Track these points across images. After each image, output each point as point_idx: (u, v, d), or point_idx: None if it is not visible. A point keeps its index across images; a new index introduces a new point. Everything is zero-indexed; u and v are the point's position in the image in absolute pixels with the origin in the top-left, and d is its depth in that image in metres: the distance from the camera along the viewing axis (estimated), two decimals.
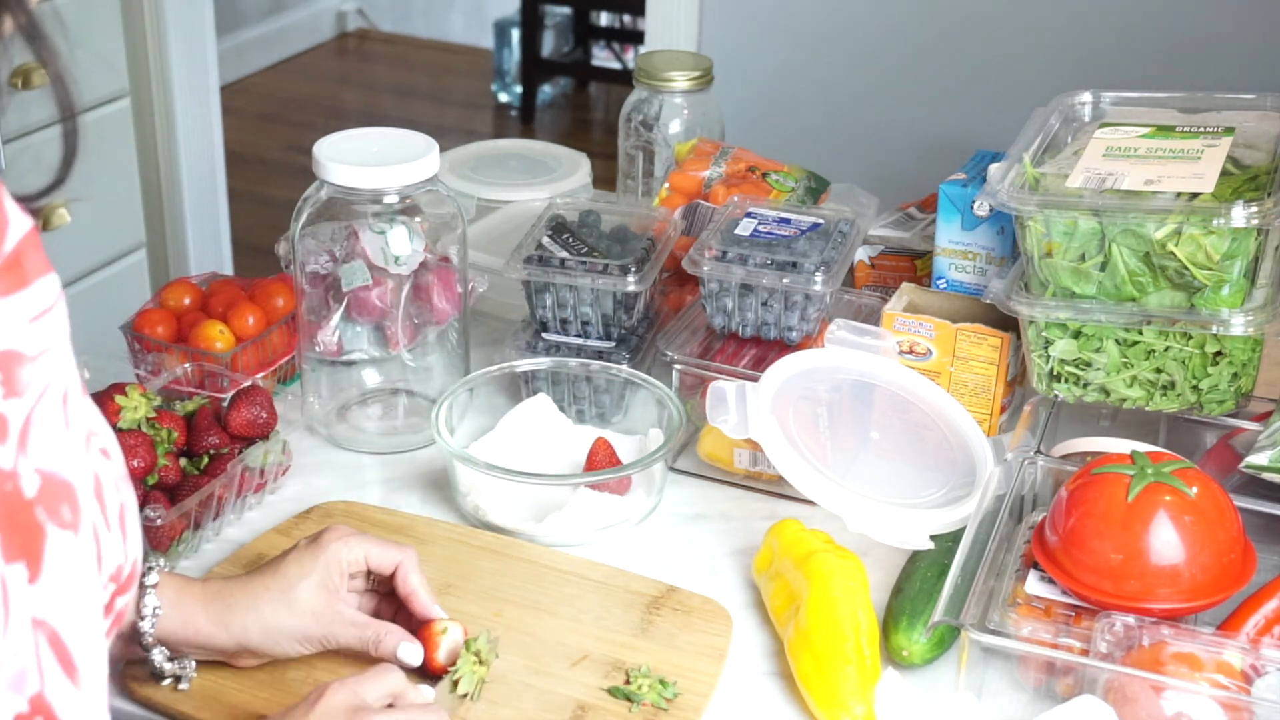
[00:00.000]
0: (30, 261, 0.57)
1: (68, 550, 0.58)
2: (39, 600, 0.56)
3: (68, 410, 0.58)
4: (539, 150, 1.92)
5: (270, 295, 1.52)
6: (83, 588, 0.59)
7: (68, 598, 0.58)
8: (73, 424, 0.59)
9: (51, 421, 0.57)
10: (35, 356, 0.56)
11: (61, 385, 0.58)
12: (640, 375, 1.40)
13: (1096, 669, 1.00)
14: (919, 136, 2.64)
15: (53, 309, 0.58)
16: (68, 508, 0.58)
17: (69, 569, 0.58)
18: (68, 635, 0.57)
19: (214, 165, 3.24)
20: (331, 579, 1.05)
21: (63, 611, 0.57)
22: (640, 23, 4.57)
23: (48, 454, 0.57)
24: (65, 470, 0.58)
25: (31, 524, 0.56)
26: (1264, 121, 1.34)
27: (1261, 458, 1.17)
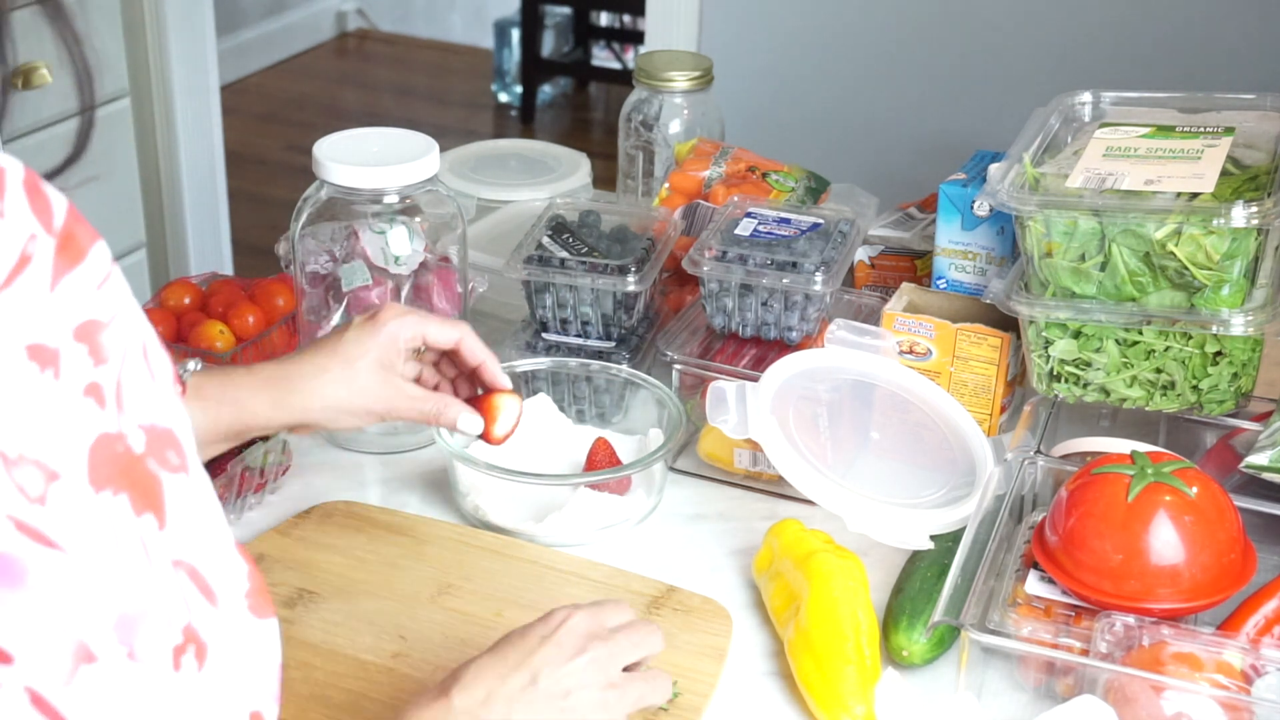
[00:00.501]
0: (81, 233, 0.59)
1: (183, 491, 0.61)
2: (172, 543, 0.59)
3: (150, 363, 0.61)
4: (539, 150, 1.92)
5: (270, 295, 1.52)
6: (205, 520, 0.62)
7: (195, 534, 0.61)
8: (157, 374, 0.61)
9: (139, 377, 0.60)
10: (110, 322, 0.58)
11: (139, 341, 0.60)
12: (640, 375, 1.40)
13: (1096, 669, 1.00)
14: (919, 136, 2.64)
15: (112, 273, 0.60)
16: (174, 452, 0.61)
17: (189, 508, 0.61)
18: (203, 566, 0.61)
19: (214, 165, 3.24)
20: (389, 355, 1.10)
21: (194, 547, 0.61)
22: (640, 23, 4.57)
23: (144, 408, 0.59)
24: (163, 419, 0.60)
25: (148, 477, 0.59)
26: (1264, 121, 1.34)
27: (1261, 458, 1.17)
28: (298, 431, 1.13)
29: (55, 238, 0.57)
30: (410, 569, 1.21)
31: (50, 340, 0.56)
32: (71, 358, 0.56)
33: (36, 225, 0.56)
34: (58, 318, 0.56)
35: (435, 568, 1.21)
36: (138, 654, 0.57)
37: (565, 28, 5.07)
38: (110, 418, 0.58)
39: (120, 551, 0.57)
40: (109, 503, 0.57)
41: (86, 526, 0.56)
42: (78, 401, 0.56)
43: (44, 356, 0.55)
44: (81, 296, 0.57)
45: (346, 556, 1.23)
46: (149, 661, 0.58)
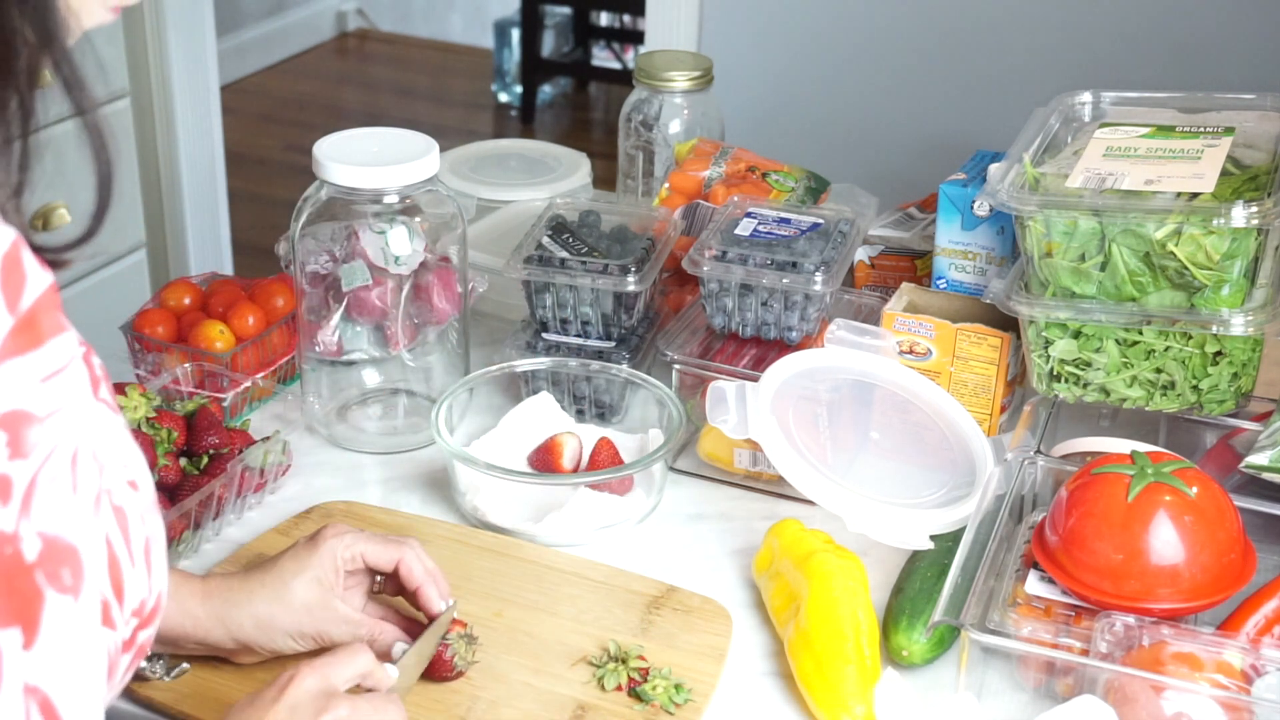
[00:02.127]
0: (46, 320, 0.56)
1: (66, 615, 0.57)
2: (33, 667, 0.55)
3: (76, 472, 0.57)
4: (539, 150, 1.92)
5: (270, 295, 1.52)
6: (80, 653, 0.58)
7: (63, 663, 0.57)
8: (81, 486, 0.58)
9: (58, 483, 0.56)
10: (45, 417, 0.56)
11: (71, 446, 0.57)
12: (640, 375, 1.40)
13: (1096, 669, 1.00)
14: (919, 136, 2.64)
15: (66, 368, 0.57)
16: (69, 572, 0.57)
17: (66, 634, 0.57)
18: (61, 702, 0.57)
19: (214, 165, 3.24)
20: (326, 575, 1.05)
21: (57, 678, 0.57)
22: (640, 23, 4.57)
23: (52, 517, 0.56)
24: (70, 533, 0.57)
25: (30, 588, 0.55)
26: (1264, 121, 1.34)
27: (1261, 458, 1.17)
28: (236, 657, 1.06)
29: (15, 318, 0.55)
30: None
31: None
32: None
33: None
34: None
35: None
36: None
37: (565, 28, 5.07)
38: (9, 516, 0.54)
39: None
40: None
41: None
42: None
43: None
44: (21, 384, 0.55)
45: None
46: None
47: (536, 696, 1.07)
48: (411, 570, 1.07)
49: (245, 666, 1.08)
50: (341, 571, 1.06)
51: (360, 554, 1.06)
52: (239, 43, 4.99)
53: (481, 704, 1.06)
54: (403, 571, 1.07)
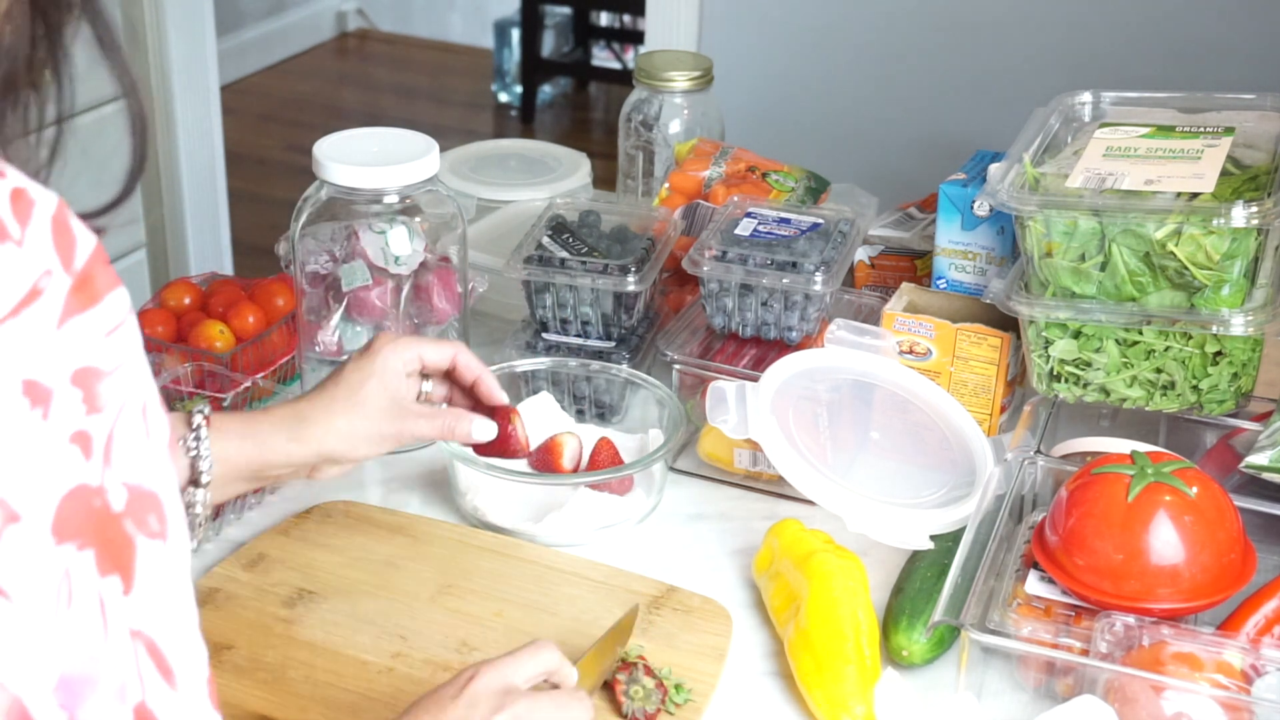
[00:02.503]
0: (101, 277, 0.57)
1: (158, 559, 0.58)
2: (135, 611, 0.57)
3: (148, 421, 0.59)
4: (539, 150, 1.92)
5: (270, 295, 1.52)
6: (176, 593, 0.59)
7: (162, 606, 0.58)
8: (153, 434, 0.59)
9: (133, 434, 0.58)
10: (112, 371, 0.57)
11: (140, 398, 0.58)
12: (640, 375, 1.40)
13: (1096, 669, 1.00)
14: (919, 136, 2.64)
15: (125, 323, 0.58)
16: (155, 517, 0.58)
17: (161, 577, 0.58)
18: (164, 642, 0.58)
19: (214, 165, 3.24)
20: (392, 381, 1.12)
21: (158, 620, 0.58)
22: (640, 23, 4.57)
23: (132, 466, 0.57)
24: (150, 480, 0.58)
25: (121, 537, 0.56)
26: (1264, 121, 1.34)
27: (1261, 458, 1.17)
28: (318, 472, 1.13)
29: (72, 277, 0.56)
30: (410, 569, 1.21)
31: (46, 379, 0.54)
32: (64, 401, 0.55)
33: (55, 261, 0.55)
34: (58, 358, 0.55)
35: (435, 568, 1.21)
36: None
37: (565, 28, 5.07)
38: (94, 470, 0.55)
39: (74, 610, 0.54)
40: (70, 556, 0.54)
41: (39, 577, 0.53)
42: (61, 447, 0.54)
43: (37, 394, 0.54)
44: (87, 341, 0.56)
45: (346, 556, 1.23)
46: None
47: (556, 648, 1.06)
48: (469, 362, 1.15)
49: (244, 668, 1.08)
50: (403, 374, 1.13)
51: (418, 355, 1.14)
52: (239, 43, 4.99)
53: None
54: (461, 364, 1.16)
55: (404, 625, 1.15)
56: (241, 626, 1.14)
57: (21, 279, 0.54)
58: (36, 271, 0.55)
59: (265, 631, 1.13)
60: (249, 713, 1.05)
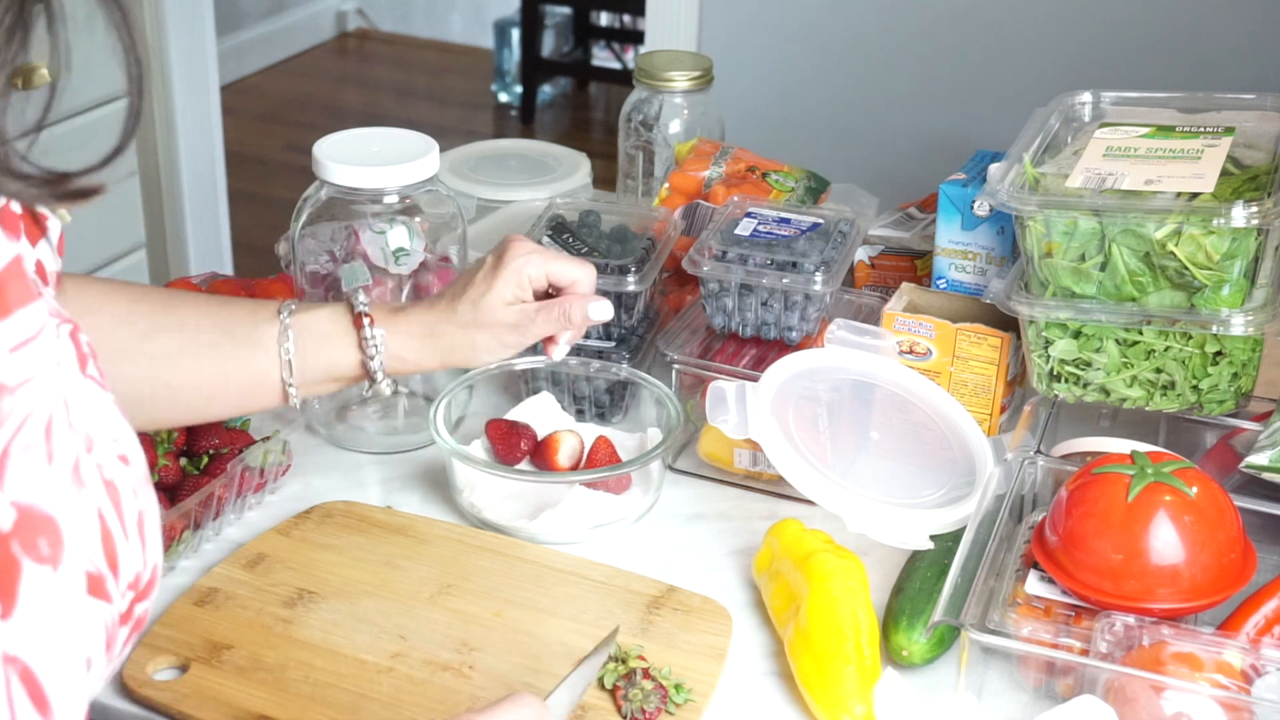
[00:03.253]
0: (13, 290, 0.56)
1: (45, 585, 0.56)
2: (11, 636, 0.55)
3: (52, 442, 0.57)
4: (539, 150, 1.92)
5: (270, 295, 1.52)
6: (62, 623, 0.57)
7: (43, 633, 0.56)
8: (58, 455, 0.57)
9: (32, 453, 0.56)
10: (15, 387, 0.55)
11: (45, 415, 0.57)
12: (640, 375, 1.40)
13: (1096, 669, 1.00)
14: (919, 136, 2.64)
15: (37, 337, 0.57)
16: (46, 541, 0.56)
17: (45, 604, 0.56)
18: (41, 671, 0.56)
19: (214, 165, 3.24)
20: (519, 294, 1.18)
21: (36, 648, 0.56)
22: (640, 23, 4.57)
23: (26, 486, 0.56)
24: (46, 503, 0.56)
25: (5, 558, 0.55)
26: (1264, 121, 1.34)
27: (1261, 458, 1.17)
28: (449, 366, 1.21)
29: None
30: (410, 569, 1.21)
31: None
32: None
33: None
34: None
35: (435, 567, 1.21)
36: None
37: (565, 28, 5.07)
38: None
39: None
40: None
41: None
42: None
43: None
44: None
45: (346, 556, 1.23)
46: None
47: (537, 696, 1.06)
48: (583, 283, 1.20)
49: (244, 668, 1.08)
50: (529, 289, 1.18)
51: (546, 274, 1.19)
52: (239, 43, 4.99)
53: (481, 704, 1.06)
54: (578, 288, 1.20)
55: (404, 625, 1.15)
56: (241, 626, 1.14)
57: None
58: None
59: (265, 631, 1.13)
60: (249, 713, 1.05)
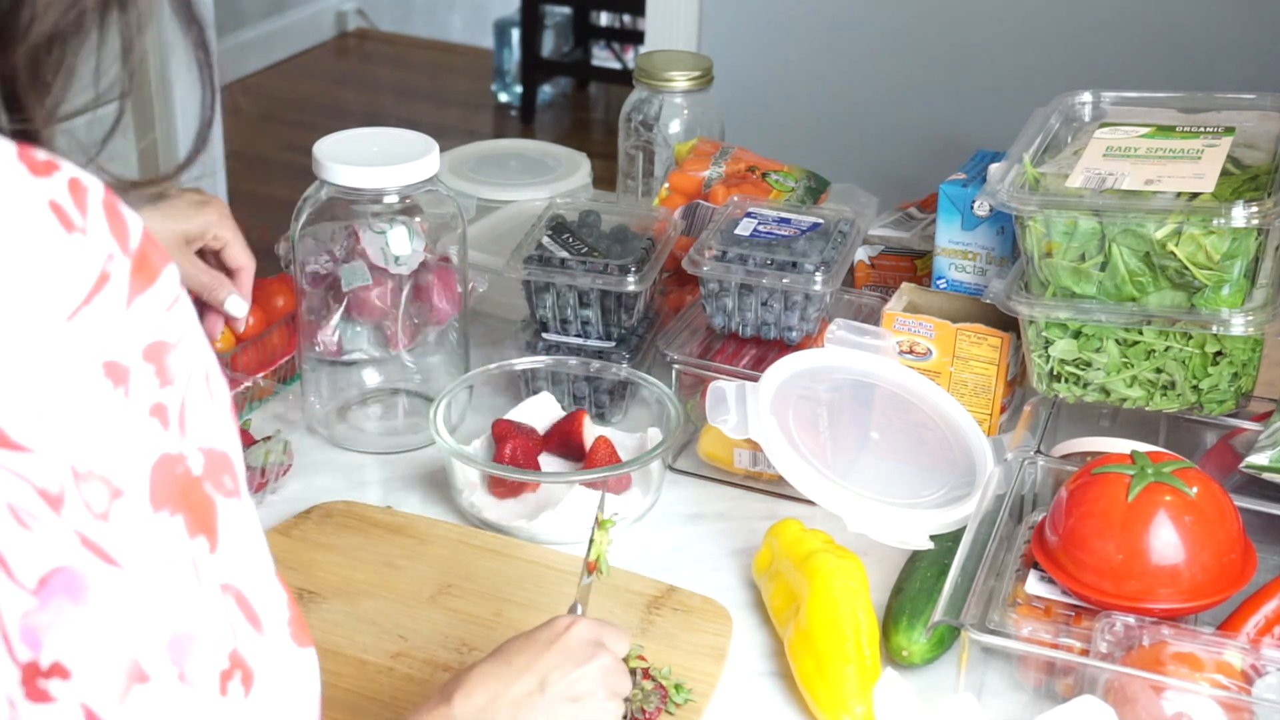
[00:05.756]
0: (154, 255, 0.60)
1: (235, 516, 0.62)
2: (222, 567, 0.60)
3: (210, 386, 0.62)
4: (539, 150, 1.92)
5: (270, 295, 1.52)
6: (252, 545, 0.63)
7: (243, 559, 0.62)
8: (216, 397, 0.62)
9: (200, 400, 0.61)
10: (177, 343, 0.60)
11: (202, 365, 0.61)
12: (640, 375, 1.40)
13: (1096, 669, 1.00)
14: (919, 136, 2.64)
15: (180, 297, 0.61)
16: (228, 476, 0.62)
17: (239, 532, 0.62)
18: (249, 592, 0.62)
19: (214, 165, 3.24)
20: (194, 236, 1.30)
21: (242, 572, 0.62)
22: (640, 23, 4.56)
23: (204, 431, 0.60)
24: (220, 442, 0.61)
25: (204, 499, 0.60)
26: (1264, 121, 1.34)
27: (1261, 458, 1.17)
28: None
29: (131, 258, 0.58)
30: (410, 569, 1.21)
31: (123, 358, 0.57)
32: (140, 377, 0.58)
33: (114, 245, 0.58)
34: (131, 336, 0.58)
35: (435, 568, 1.21)
36: (188, 676, 0.58)
37: (565, 28, 5.06)
38: (173, 439, 0.59)
39: (174, 572, 0.58)
40: (166, 523, 0.58)
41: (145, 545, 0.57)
42: (144, 421, 0.58)
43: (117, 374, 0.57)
44: (153, 317, 0.59)
45: (346, 556, 1.23)
46: (198, 685, 0.59)
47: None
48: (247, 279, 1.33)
49: None
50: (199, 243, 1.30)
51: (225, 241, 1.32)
52: (239, 43, 4.99)
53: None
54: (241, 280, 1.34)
55: (404, 625, 1.15)
56: None
57: (91, 266, 0.57)
58: (102, 257, 0.57)
59: None
60: None
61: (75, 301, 0.56)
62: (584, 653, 0.92)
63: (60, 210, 0.56)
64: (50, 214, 0.56)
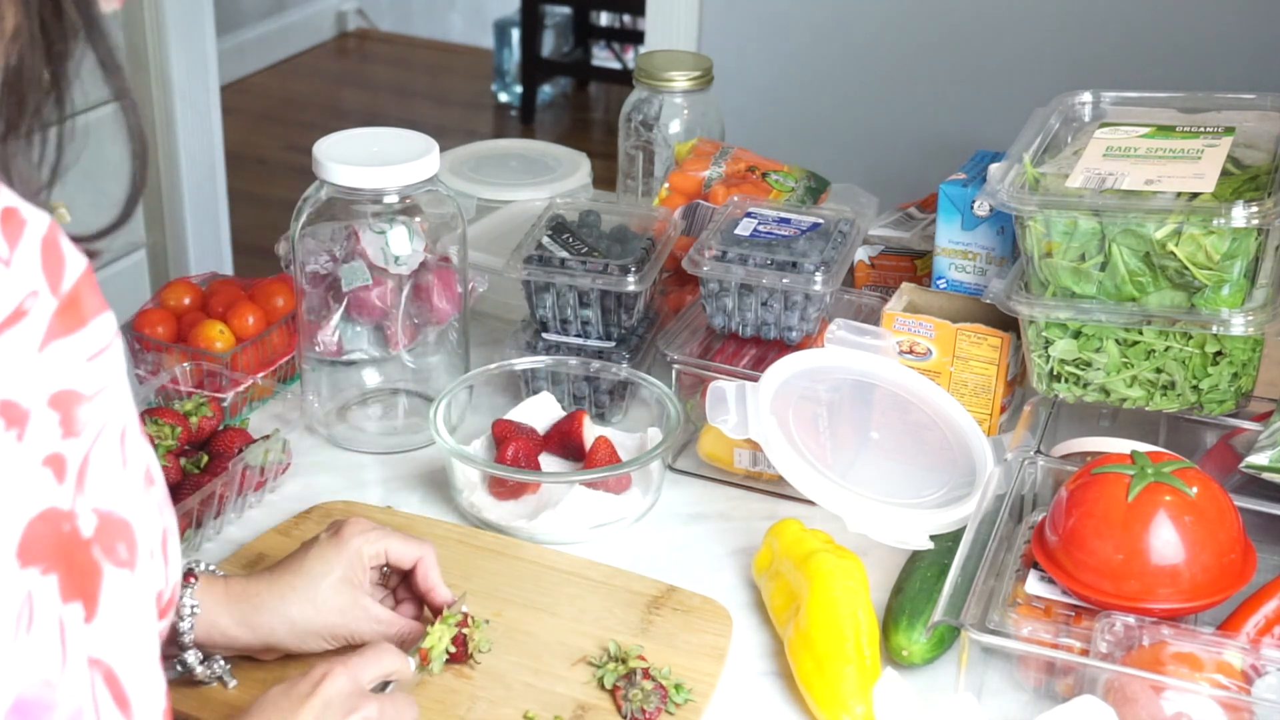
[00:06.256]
0: (88, 301, 0.58)
1: (124, 588, 0.58)
2: (95, 639, 0.57)
3: (125, 448, 0.59)
4: (539, 150, 1.92)
5: (270, 295, 1.52)
6: (139, 624, 0.59)
7: (123, 635, 0.58)
8: (130, 462, 0.59)
9: (109, 460, 0.58)
10: (92, 395, 0.57)
11: (119, 423, 0.58)
12: (640, 375, 1.40)
13: (1096, 669, 1.00)
14: (919, 136, 2.64)
15: (109, 347, 0.58)
16: (124, 546, 0.58)
17: (125, 607, 0.58)
18: (123, 672, 0.58)
19: (214, 165, 3.24)
20: (355, 574, 1.06)
21: (118, 649, 0.58)
22: (640, 23, 4.57)
23: (105, 493, 0.57)
24: (122, 508, 0.58)
25: (89, 563, 0.56)
26: (1264, 121, 1.34)
27: (1261, 458, 1.17)
28: (261, 654, 1.06)
29: (59, 299, 0.56)
30: None
31: (24, 400, 0.54)
32: (40, 423, 0.54)
33: (42, 283, 0.55)
34: (38, 380, 0.55)
35: None
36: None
37: (565, 28, 5.06)
38: (65, 494, 0.55)
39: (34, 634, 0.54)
40: (33, 580, 0.54)
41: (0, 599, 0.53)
42: (33, 469, 0.54)
43: (13, 415, 0.54)
44: (69, 364, 0.56)
45: None
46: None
47: (536, 696, 1.07)
48: (429, 570, 1.09)
49: (244, 667, 1.08)
50: (368, 569, 1.07)
51: (384, 550, 1.08)
52: (239, 43, 4.99)
53: (481, 704, 1.06)
54: (420, 570, 1.09)
55: None
56: None
57: (6, 299, 0.54)
58: (22, 292, 0.54)
59: None
60: None
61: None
62: (345, 705, 0.90)
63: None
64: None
